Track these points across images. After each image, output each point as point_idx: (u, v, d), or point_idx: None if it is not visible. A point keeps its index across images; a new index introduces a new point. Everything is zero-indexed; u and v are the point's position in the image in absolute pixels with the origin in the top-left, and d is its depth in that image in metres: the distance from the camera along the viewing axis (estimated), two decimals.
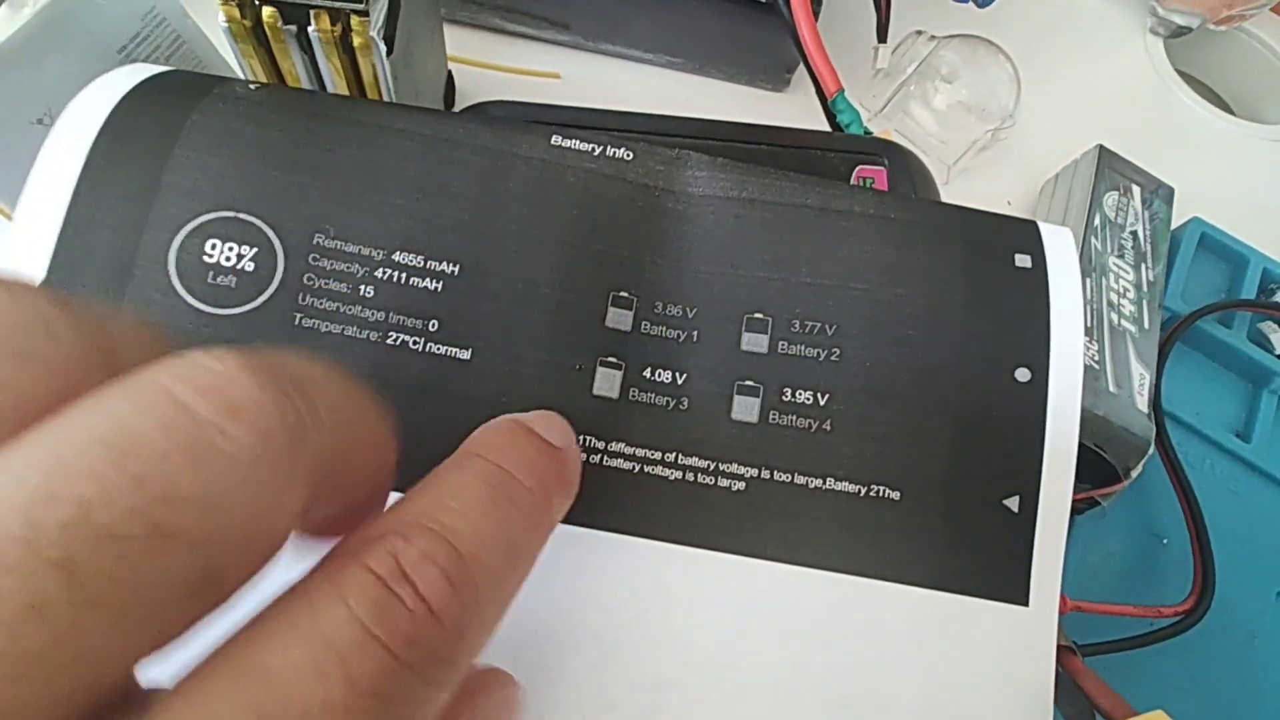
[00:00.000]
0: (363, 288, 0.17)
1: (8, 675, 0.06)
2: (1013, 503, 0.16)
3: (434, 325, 0.17)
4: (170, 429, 0.07)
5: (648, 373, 0.17)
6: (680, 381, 0.17)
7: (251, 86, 0.18)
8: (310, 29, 0.22)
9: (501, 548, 0.11)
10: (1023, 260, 0.18)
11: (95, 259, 0.16)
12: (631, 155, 0.18)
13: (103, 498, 0.07)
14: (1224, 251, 0.34)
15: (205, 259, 0.17)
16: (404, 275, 0.17)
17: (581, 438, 0.16)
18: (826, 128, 0.30)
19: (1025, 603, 0.16)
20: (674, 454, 0.17)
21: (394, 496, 0.13)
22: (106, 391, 0.08)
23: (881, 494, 0.16)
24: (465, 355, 0.17)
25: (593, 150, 0.18)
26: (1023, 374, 0.17)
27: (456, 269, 0.17)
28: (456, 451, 0.13)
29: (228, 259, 0.17)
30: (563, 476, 0.13)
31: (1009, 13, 0.39)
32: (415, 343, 0.17)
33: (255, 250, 0.17)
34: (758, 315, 0.17)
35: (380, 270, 0.17)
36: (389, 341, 0.17)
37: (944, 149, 0.36)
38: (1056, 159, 0.36)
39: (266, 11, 0.22)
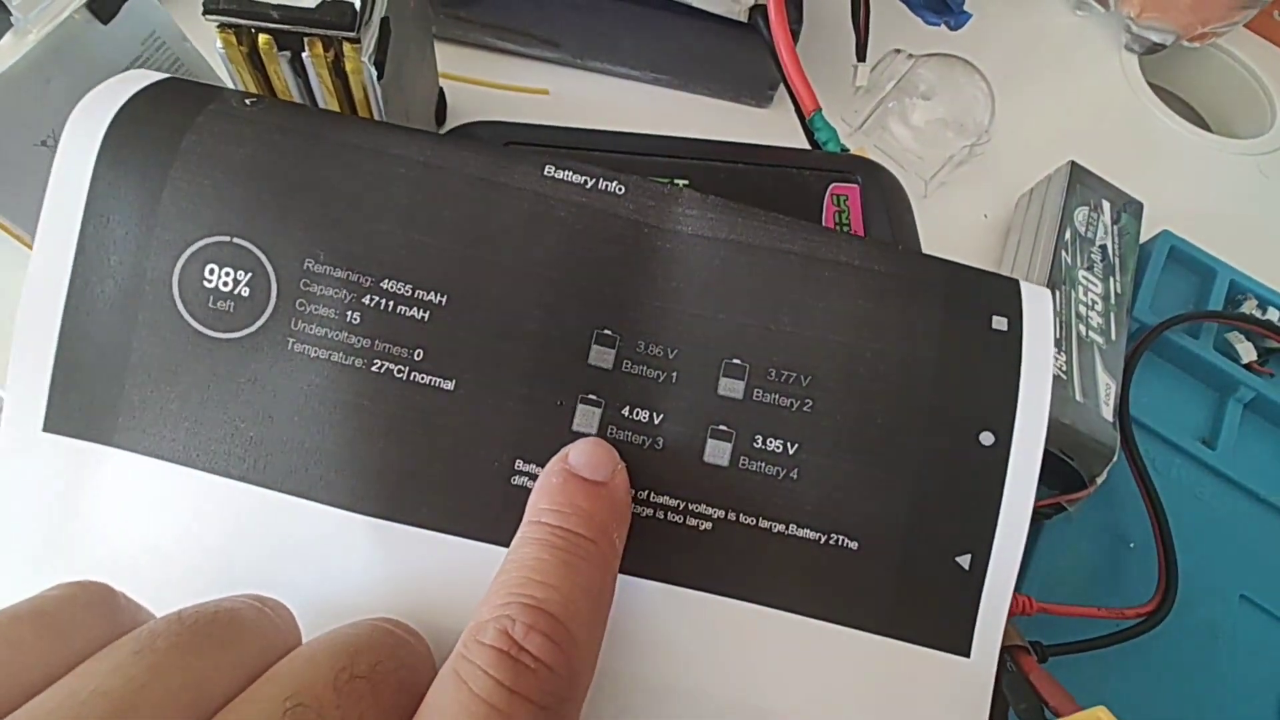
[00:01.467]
0: (349, 314, 0.17)
1: None
2: (964, 560, 0.17)
3: (419, 354, 0.17)
4: (391, 634, 0.14)
5: (626, 411, 0.17)
6: (657, 421, 0.17)
7: (248, 101, 0.18)
8: (304, 55, 0.23)
9: (582, 598, 0.14)
10: (999, 323, 0.18)
11: (109, 283, 0.17)
12: (623, 189, 0.18)
13: (369, 657, 0.13)
14: (1193, 264, 0.35)
15: (205, 284, 0.17)
16: (391, 303, 0.17)
17: None
18: (806, 145, 0.31)
19: (967, 654, 0.17)
20: (646, 492, 0.17)
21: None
22: (344, 628, 0.14)
23: (840, 543, 0.17)
24: (449, 386, 0.17)
25: (585, 183, 0.18)
26: (987, 438, 0.17)
27: (444, 299, 0.17)
28: (524, 520, 0.15)
29: (225, 284, 0.17)
30: (615, 510, 0.16)
31: (986, 31, 0.40)
32: (400, 371, 0.17)
33: (250, 275, 0.17)
34: (736, 361, 0.17)
35: (367, 297, 0.17)
36: (374, 369, 0.17)
37: (922, 164, 0.37)
38: (1033, 173, 0.37)
39: (262, 38, 0.23)
